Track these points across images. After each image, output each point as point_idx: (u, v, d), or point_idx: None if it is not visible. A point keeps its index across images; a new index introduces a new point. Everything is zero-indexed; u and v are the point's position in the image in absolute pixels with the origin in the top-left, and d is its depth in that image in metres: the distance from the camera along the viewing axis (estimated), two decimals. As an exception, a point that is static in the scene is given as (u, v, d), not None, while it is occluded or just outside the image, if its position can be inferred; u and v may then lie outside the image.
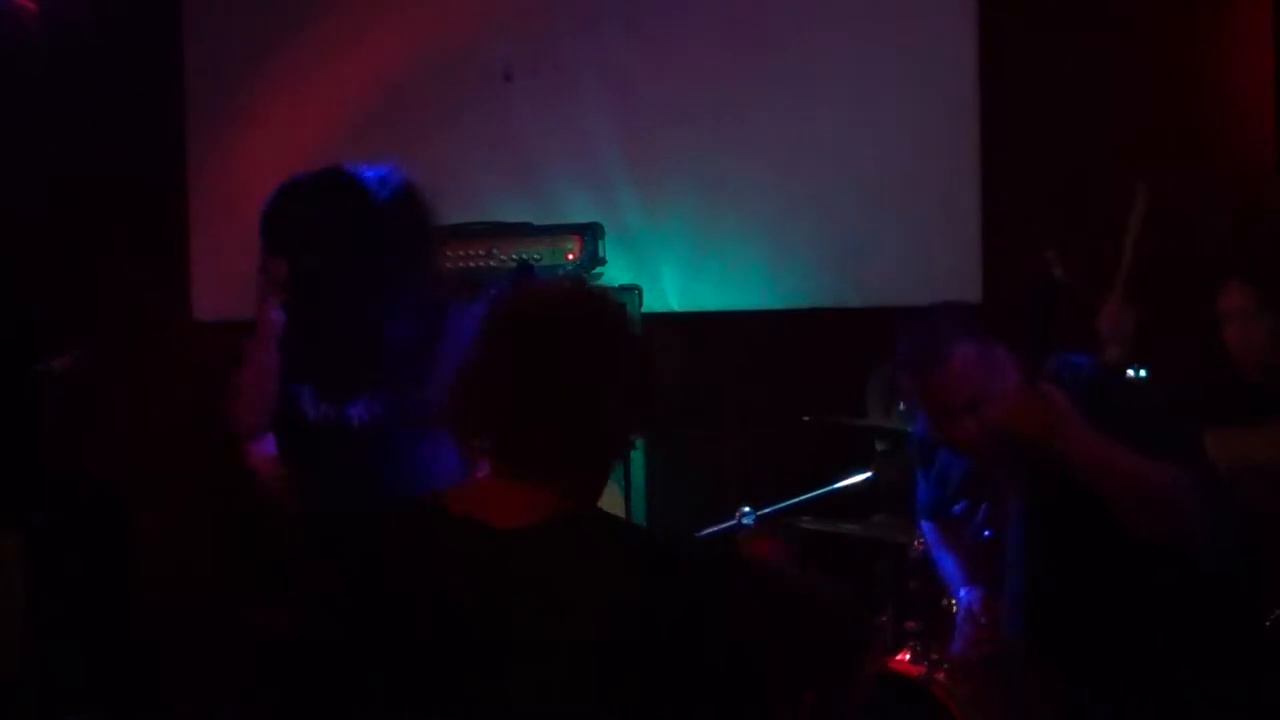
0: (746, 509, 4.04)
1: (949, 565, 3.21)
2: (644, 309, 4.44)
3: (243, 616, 4.39)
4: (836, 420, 4.18)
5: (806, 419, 4.23)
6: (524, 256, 4.31)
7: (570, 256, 4.37)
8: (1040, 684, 2.67)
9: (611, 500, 4.20)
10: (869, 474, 3.97)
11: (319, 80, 4.95)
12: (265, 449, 3.30)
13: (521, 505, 1.76)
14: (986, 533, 2.88)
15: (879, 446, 4.13)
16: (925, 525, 3.31)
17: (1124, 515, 2.48)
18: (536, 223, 4.49)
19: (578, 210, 4.68)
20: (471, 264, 4.33)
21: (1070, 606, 2.65)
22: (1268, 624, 3.12)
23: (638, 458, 4.27)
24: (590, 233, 4.41)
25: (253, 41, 5.03)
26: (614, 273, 4.56)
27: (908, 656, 3.86)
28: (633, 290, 4.43)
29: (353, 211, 3.14)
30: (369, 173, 3.25)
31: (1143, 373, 3.76)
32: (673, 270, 4.82)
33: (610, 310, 1.88)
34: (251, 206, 4.96)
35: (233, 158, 5.03)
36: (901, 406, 4.11)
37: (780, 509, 4.07)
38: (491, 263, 4.27)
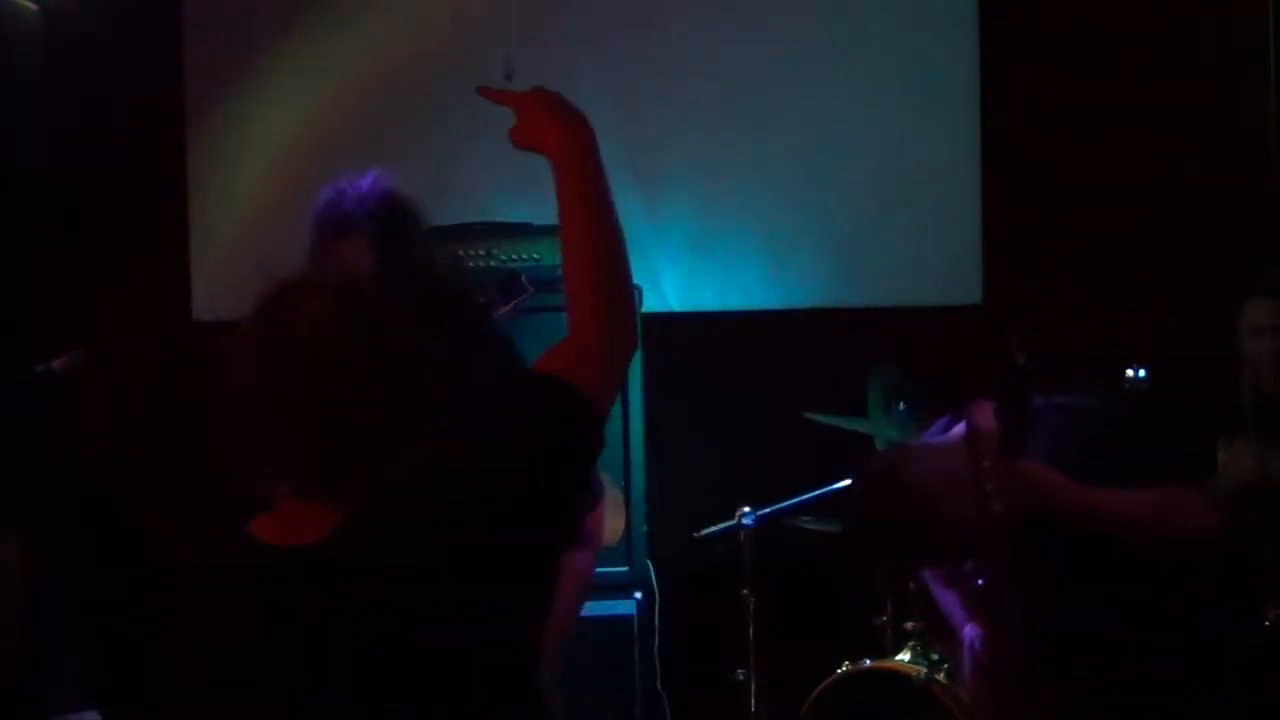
0: (746, 509, 4.04)
1: (949, 600, 3.23)
2: (644, 309, 4.43)
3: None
4: (838, 423, 4.18)
5: (807, 415, 4.23)
6: (522, 258, 4.31)
7: (570, 256, 4.36)
8: (1045, 708, 2.68)
9: (612, 501, 4.20)
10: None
11: (319, 81, 4.95)
12: None
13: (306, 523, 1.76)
14: (978, 581, 2.90)
15: (879, 447, 4.13)
16: None
17: (1135, 545, 2.53)
18: (536, 223, 4.49)
19: (578, 210, 4.67)
20: (471, 264, 4.32)
21: (1070, 631, 2.67)
22: (1267, 624, 3.13)
23: (638, 458, 4.27)
24: (590, 233, 4.40)
25: (253, 41, 5.03)
26: (614, 273, 4.55)
27: (907, 656, 3.87)
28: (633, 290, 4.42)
29: None
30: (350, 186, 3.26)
31: (1142, 373, 3.76)
32: (673, 270, 4.82)
33: (365, 324, 1.78)
34: (252, 206, 5.01)
35: (232, 158, 5.03)
36: (901, 406, 4.11)
37: (780, 509, 4.07)
38: (491, 263, 4.27)
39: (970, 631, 3.07)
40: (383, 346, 1.78)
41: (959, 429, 2.66)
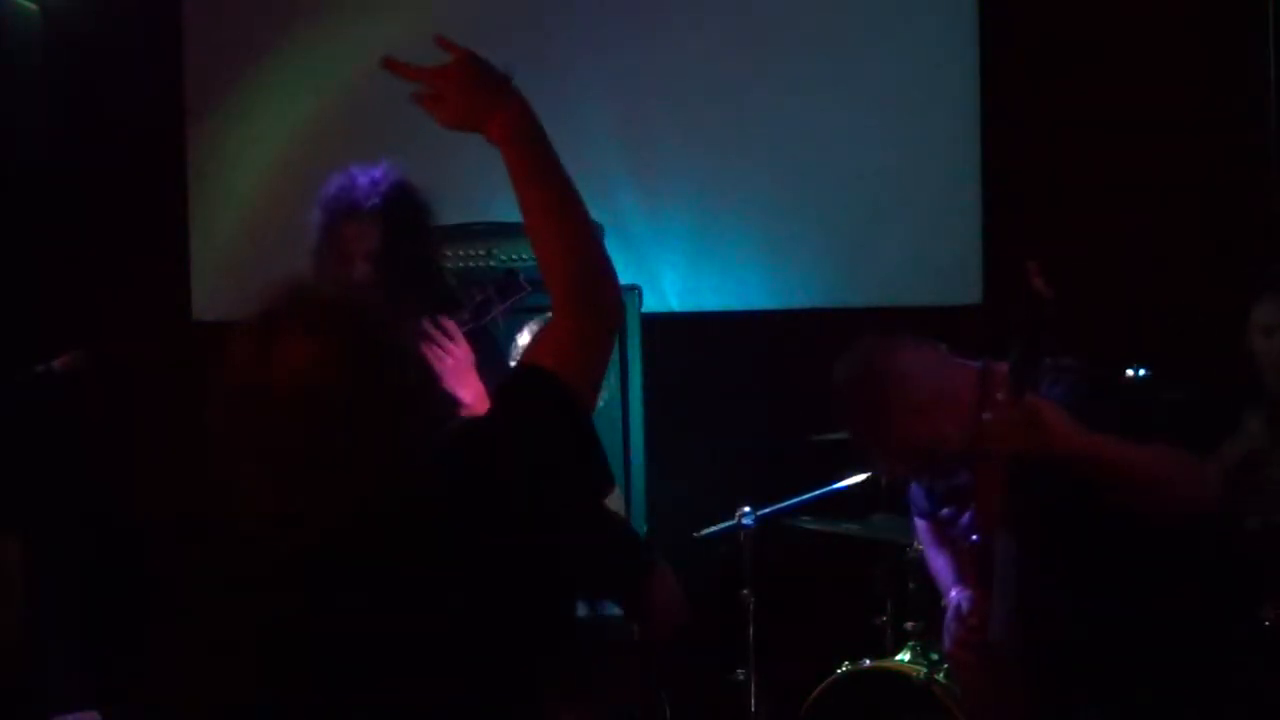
0: (746, 509, 4.04)
1: (940, 564, 3.21)
2: (644, 309, 4.43)
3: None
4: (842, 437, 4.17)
5: (814, 438, 4.22)
6: (522, 258, 4.31)
7: (570, 256, 4.36)
8: (1033, 686, 2.67)
9: (613, 501, 4.19)
10: (869, 474, 3.97)
11: (318, 81, 4.95)
12: None
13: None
14: (974, 538, 2.89)
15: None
16: (919, 523, 3.32)
17: (1135, 502, 2.49)
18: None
19: (578, 210, 4.67)
20: (471, 264, 4.33)
21: (1065, 611, 2.65)
22: (1267, 624, 3.13)
23: (638, 458, 4.27)
24: (590, 232, 4.40)
25: (253, 41, 5.03)
26: (614, 273, 4.55)
27: (908, 656, 3.87)
28: (633, 290, 4.42)
29: None
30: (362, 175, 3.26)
31: (1142, 372, 3.76)
32: (673, 270, 4.82)
33: (352, 361, 1.72)
34: (252, 206, 5.01)
35: (233, 157, 5.03)
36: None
37: (780, 509, 4.07)
38: (491, 263, 4.27)
39: (957, 594, 3.05)
40: (371, 380, 1.72)
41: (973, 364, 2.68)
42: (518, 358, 3.22)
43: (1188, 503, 2.52)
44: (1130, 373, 3.65)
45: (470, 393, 3.10)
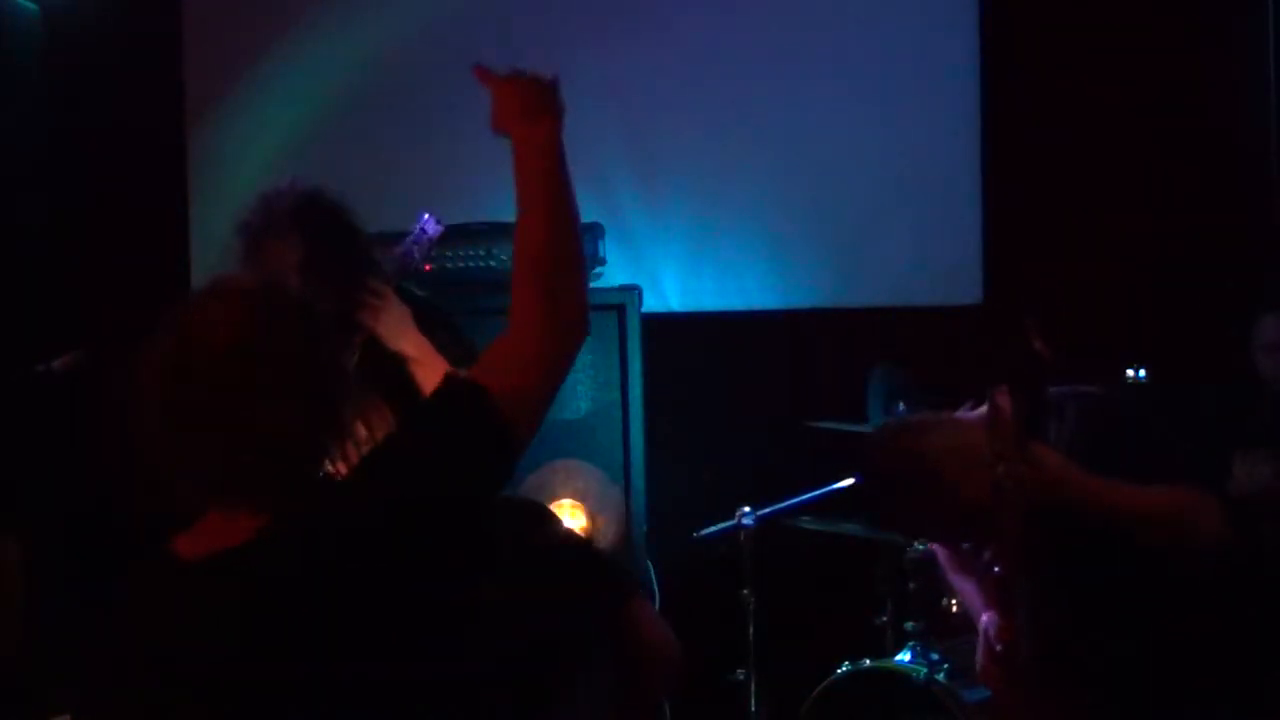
0: (746, 509, 4.04)
1: (968, 589, 3.22)
2: (644, 309, 4.43)
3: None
4: (838, 427, 4.17)
5: (810, 424, 4.23)
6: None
7: (570, 256, 4.36)
8: (1061, 707, 2.68)
9: (612, 502, 4.20)
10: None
11: (319, 80, 4.95)
12: None
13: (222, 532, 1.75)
14: (995, 569, 2.90)
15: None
16: (938, 548, 3.32)
17: (1142, 542, 2.52)
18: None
19: (577, 210, 4.67)
20: (471, 264, 4.32)
21: (1085, 643, 2.67)
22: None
23: (638, 458, 4.27)
24: (590, 233, 4.40)
25: (253, 41, 5.03)
26: (614, 273, 4.56)
27: (908, 656, 3.87)
28: (633, 290, 4.42)
29: None
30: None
31: (1142, 373, 3.76)
32: (673, 270, 4.82)
33: (271, 327, 1.77)
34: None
35: (233, 157, 5.03)
36: (901, 407, 4.11)
37: (780, 509, 4.07)
38: (491, 263, 4.27)
39: (987, 619, 3.07)
40: (291, 350, 1.76)
41: (981, 410, 2.66)
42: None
43: (1199, 544, 2.54)
44: (1130, 373, 3.65)
45: (412, 346, 3.10)
